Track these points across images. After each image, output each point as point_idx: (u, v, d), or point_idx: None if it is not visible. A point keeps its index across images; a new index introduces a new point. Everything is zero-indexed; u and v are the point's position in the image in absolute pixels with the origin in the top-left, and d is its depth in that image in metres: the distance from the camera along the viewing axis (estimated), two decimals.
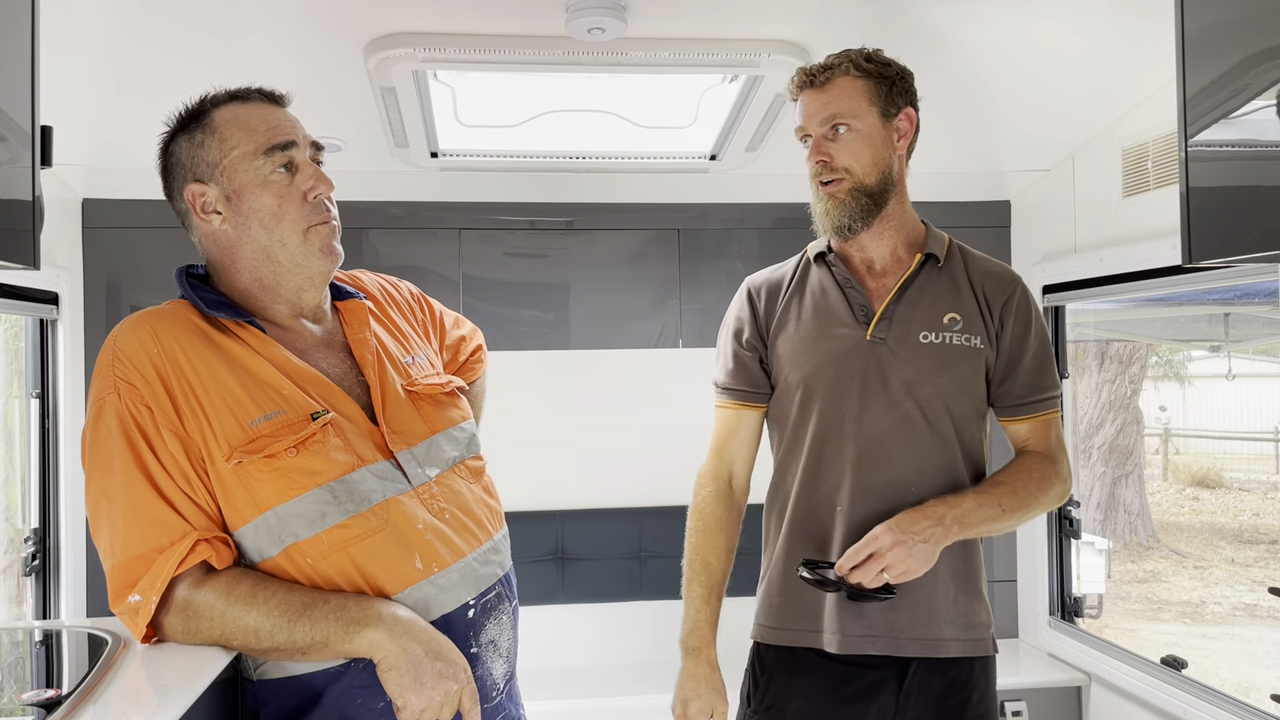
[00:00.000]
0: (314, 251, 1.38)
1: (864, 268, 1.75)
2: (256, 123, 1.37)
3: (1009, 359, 1.71)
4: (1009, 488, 1.65)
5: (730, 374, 1.80)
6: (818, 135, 1.69)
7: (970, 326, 1.69)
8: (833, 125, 1.67)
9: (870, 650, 1.64)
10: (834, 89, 1.68)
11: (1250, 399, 9.14)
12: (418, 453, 1.39)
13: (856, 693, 1.65)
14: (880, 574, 1.53)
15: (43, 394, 2.62)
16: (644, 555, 3.23)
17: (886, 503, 1.63)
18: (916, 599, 1.64)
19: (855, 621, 1.64)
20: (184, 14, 1.95)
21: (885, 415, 1.66)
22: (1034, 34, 2.17)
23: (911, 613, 1.64)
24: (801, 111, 1.71)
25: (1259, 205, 1.26)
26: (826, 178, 1.68)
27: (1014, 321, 1.71)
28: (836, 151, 1.67)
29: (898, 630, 1.64)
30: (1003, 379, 1.72)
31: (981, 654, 1.68)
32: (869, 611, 1.63)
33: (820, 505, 1.68)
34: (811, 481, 1.69)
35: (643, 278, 3.12)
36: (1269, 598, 4.70)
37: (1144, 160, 2.54)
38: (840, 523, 1.65)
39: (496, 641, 1.40)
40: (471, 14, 2.03)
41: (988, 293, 1.72)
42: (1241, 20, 1.28)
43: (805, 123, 1.70)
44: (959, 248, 1.77)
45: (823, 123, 1.67)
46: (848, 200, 1.67)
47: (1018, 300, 1.72)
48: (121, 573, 1.25)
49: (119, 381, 1.27)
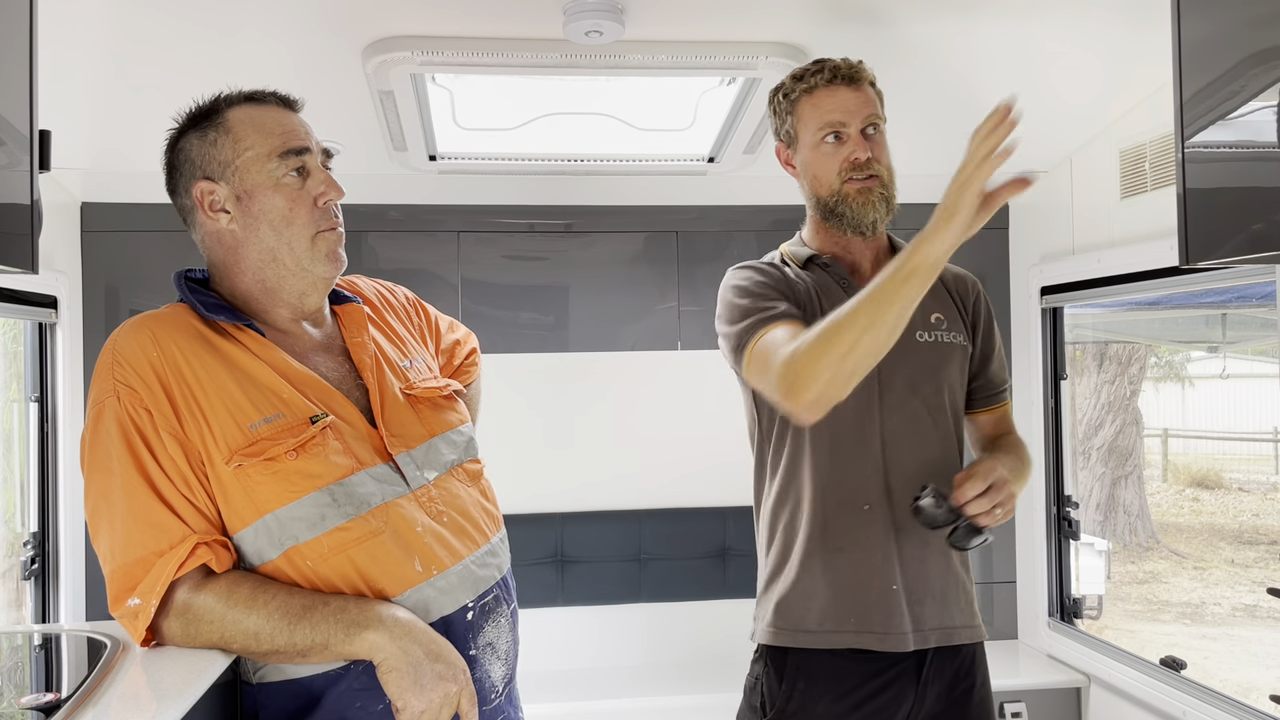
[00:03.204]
0: (320, 257, 1.39)
1: (850, 272, 1.76)
2: (272, 125, 1.38)
3: (982, 353, 1.81)
4: (1015, 456, 1.74)
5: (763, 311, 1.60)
6: (858, 131, 1.69)
7: (953, 325, 1.76)
8: (871, 124, 1.69)
9: (907, 646, 1.64)
10: (866, 90, 1.71)
11: (1249, 400, 9.15)
12: (416, 455, 1.39)
13: (881, 688, 1.65)
14: (994, 510, 1.53)
15: (41, 398, 2.62)
16: (643, 558, 3.23)
17: (909, 499, 1.64)
18: (935, 590, 1.67)
19: (898, 618, 1.64)
20: (182, 19, 1.95)
21: (896, 413, 1.68)
22: (1031, 36, 2.17)
23: (933, 604, 1.67)
24: (835, 105, 1.69)
25: (1256, 206, 1.26)
26: (863, 174, 1.68)
27: (983, 318, 1.82)
28: (876, 150, 1.70)
29: (922, 623, 1.66)
30: (977, 373, 1.81)
31: (980, 640, 1.74)
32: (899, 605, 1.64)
33: (846, 505, 1.66)
34: (832, 482, 1.67)
35: (641, 280, 3.12)
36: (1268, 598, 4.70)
37: (1141, 162, 2.54)
38: (868, 521, 1.66)
39: (495, 644, 1.41)
40: (469, 17, 2.03)
41: (960, 292, 1.81)
42: (1238, 23, 1.28)
43: (845, 116, 1.69)
44: None
45: (864, 120, 1.69)
46: (882, 197, 1.70)
47: (983, 298, 1.84)
48: (121, 576, 1.25)
49: (118, 385, 1.27)
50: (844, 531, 1.67)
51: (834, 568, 1.66)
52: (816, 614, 1.67)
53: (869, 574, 1.65)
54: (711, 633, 3.17)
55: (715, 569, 3.26)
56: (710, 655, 3.11)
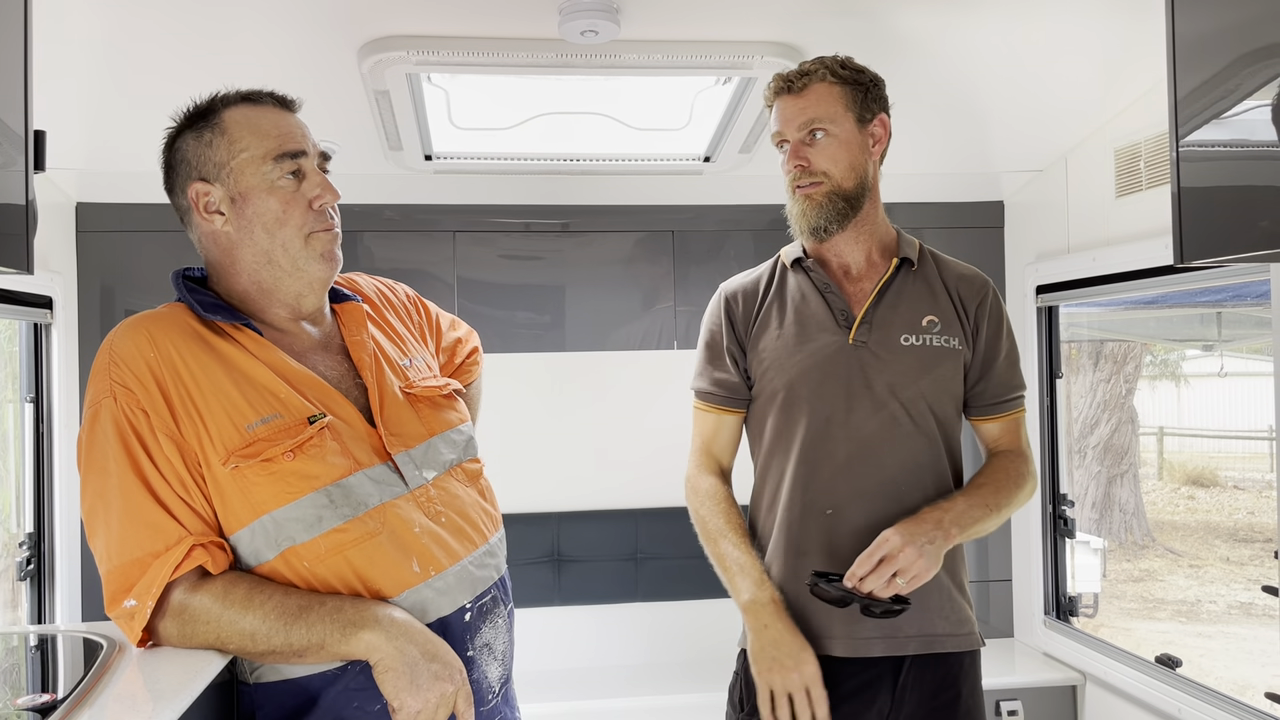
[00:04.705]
0: (314, 257, 1.38)
1: (841, 273, 1.77)
2: (268, 127, 1.37)
3: (984, 359, 1.76)
4: (992, 487, 1.69)
5: (709, 380, 1.81)
6: (796, 140, 1.70)
7: (948, 328, 1.73)
8: (810, 130, 1.69)
9: (874, 652, 1.64)
10: (810, 95, 1.70)
11: (1244, 398, 9.17)
12: (415, 455, 1.39)
13: (854, 692, 1.65)
14: (893, 580, 1.51)
15: (37, 398, 2.61)
16: (640, 557, 3.23)
17: (879, 503, 1.65)
18: (914, 596, 1.64)
19: (858, 624, 1.63)
20: (177, 18, 1.95)
21: (872, 418, 1.68)
22: (1026, 35, 2.18)
23: (910, 610, 1.64)
24: (779, 117, 1.73)
25: (1250, 205, 1.26)
26: (804, 181, 1.69)
27: (988, 323, 1.76)
28: (814, 156, 1.69)
29: (898, 629, 1.65)
30: (978, 379, 1.76)
31: (971, 648, 1.71)
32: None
33: (811, 509, 1.68)
34: (800, 485, 1.69)
35: (637, 280, 3.12)
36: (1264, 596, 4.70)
37: (1136, 161, 2.55)
38: (832, 526, 1.66)
39: (491, 645, 1.41)
40: (465, 17, 2.03)
41: (963, 295, 1.76)
42: (1232, 21, 1.28)
43: (783, 127, 1.72)
44: (930, 252, 1.81)
45: (800, 127, 1.69)
46: (824, 202, 1.69)
47: (990, 302, 1.78)
48: (117, 577, 1.25)
49: (115, 385, 1.27)
50: (808, 536, 1.68)
51: (799, 573, 1.67)
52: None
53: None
54: (707, 632, 3.16)
55: (711, 568, 3.25)
56: (706, 654, 3.11)
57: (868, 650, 1.64)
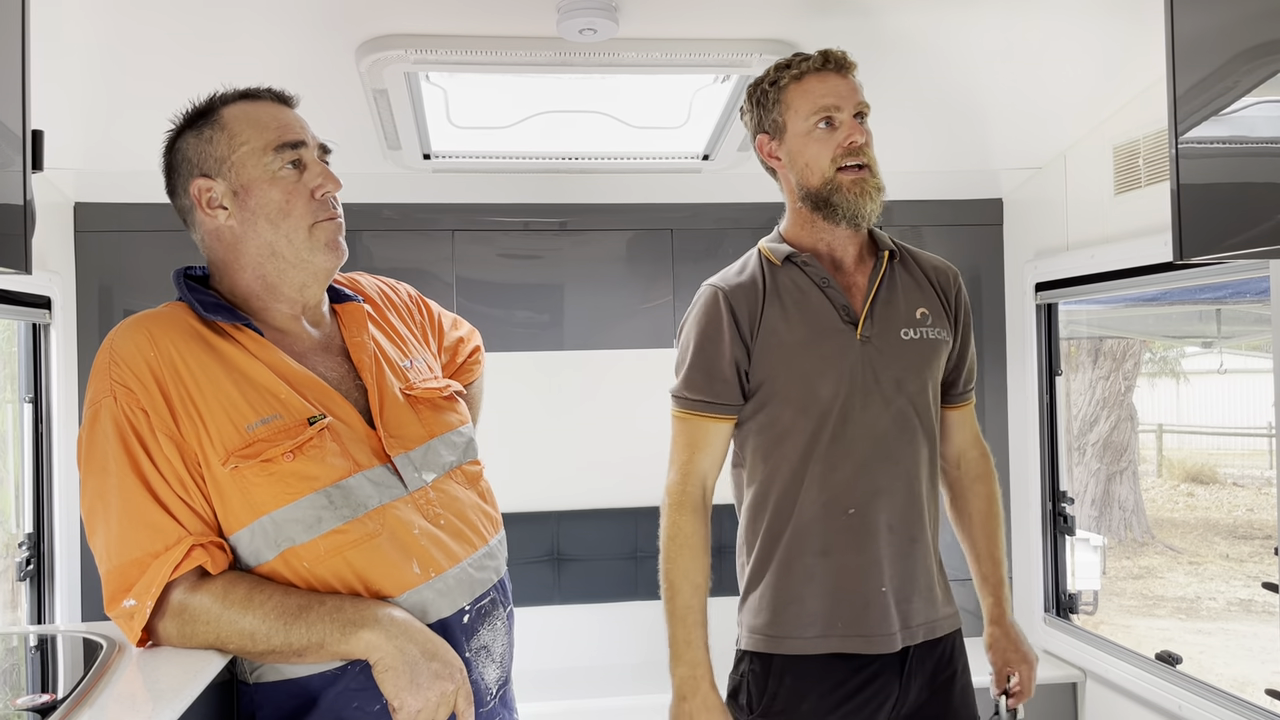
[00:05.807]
0: (319, 247, 1.38)
1: (832, 267, 1.72)
2: (267, 120, 1.37)
3: (960, 348, 1.78)
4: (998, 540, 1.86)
5: (706, 385, 1.67)
6: (851, 116, 1.66)
7: (938, 319, 1.73)
8: (858, 114, 1.66)
9: (893, 648, 1.64)
10: (854, 81, 1.69)
11: (1244, 395, 9.17)
12: (415, 457, 1.39)
13: (865, 684, 1.64)
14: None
15: (36, 398, 2.61)
16: (639, 555, 3.23)
17: (898, 500, 1.64)
18: (921, 587, 1.67)
19: (878, 622, 1.63)
20: (175, 17, 1.95)
21: (884, 414, 1.65)
22: (1025, 32, 2.17)
23: (920, 601, 1.67)
24: (828, 90, 1.65)
25: (1249, 202, 1.26)
26: (863, 160, 1.65)
27: (963, 312, 1.79)
28: (867, 139, 1.66)
29: (910, 620, 1.66)
30: (954, 368, 1.78)
31: (958, 626, 1.75)
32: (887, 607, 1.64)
33: (831, 508, 1.63)
34: (815, 485, 1.64)
35: (636, 278, 3.12)
36: (1263, 593, 4.71)
37: (1135, 158, 2.55)
38: (853, 525, 1.63)
39: (489, 647, 1.40)
40: (463, 16, 2.03)
41: (942, 285, 1.77)
42: (1231, 18, 1.28)
43: (839, 100, 1.65)
44: (902, 245, 1.80)
45: (856, 106, 1.66)
46: (874, 194, 1.66)
47: (963, 291, 1.80)
48: (116, 577, 1.25)
49: (115, 385, 1.27)
50: (828, 536, 1.64)
51: (819, 573, 1.64)
52: (803, 620, 1.64)
53: (856, 578, 1.63)
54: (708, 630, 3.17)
55: (711, 568, 3.25)
56: None
57: (889, 646, 1.64)
